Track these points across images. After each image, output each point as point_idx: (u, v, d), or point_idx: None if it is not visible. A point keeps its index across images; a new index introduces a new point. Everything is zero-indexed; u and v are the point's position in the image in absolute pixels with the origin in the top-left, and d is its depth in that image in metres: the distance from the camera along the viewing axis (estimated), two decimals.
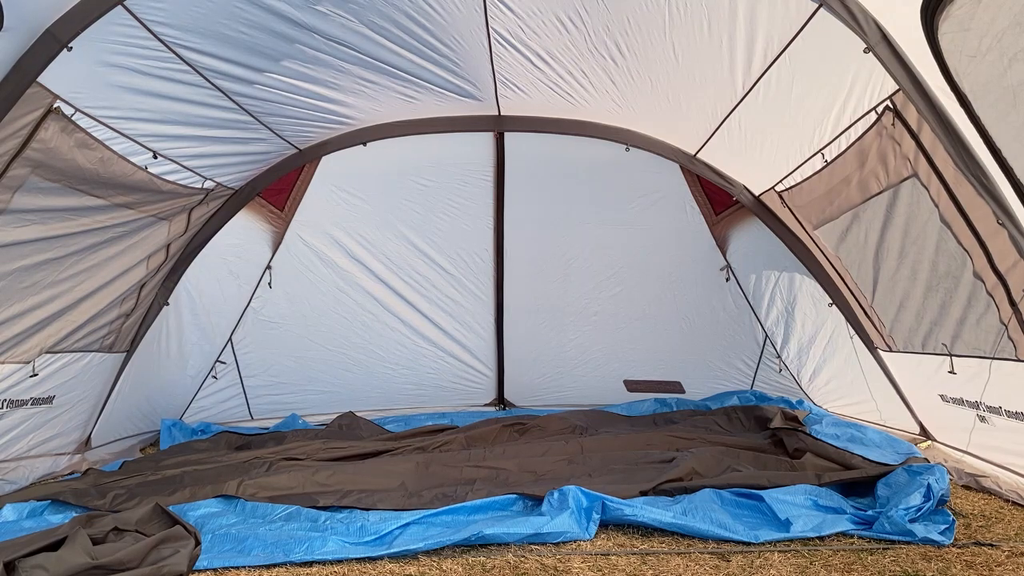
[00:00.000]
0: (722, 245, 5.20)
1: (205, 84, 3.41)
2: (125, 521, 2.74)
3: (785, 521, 2.96)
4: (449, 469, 3.81)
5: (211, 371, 5.06)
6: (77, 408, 3.92)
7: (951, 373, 3.61)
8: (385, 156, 4.77)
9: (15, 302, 3.21)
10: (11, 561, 2.44)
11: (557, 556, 2.75)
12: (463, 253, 5.24)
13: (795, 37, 3.17)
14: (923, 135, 3.04)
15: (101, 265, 3.67)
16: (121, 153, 3.37)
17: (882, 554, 2.74)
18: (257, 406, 5.19)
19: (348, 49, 3.53)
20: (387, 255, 5.16)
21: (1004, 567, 2.62)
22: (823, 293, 4.68)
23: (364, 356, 5.26)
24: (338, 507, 3.25)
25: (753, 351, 5.40)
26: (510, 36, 3.60)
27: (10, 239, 3.04)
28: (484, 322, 5.40)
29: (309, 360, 5.18)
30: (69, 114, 2.99)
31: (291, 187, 4.89)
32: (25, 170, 2.93)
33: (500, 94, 4.29)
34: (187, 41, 3.12)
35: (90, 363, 3.91)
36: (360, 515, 3.13)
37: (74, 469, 3.90)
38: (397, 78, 3.96)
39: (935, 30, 2.52)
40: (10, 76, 2.68)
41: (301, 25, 3.26)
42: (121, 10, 2.81)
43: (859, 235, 3.88)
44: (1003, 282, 3.03)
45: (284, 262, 5.04)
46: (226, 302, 4.99)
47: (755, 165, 4.39)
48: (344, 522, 3.04)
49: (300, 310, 5.12)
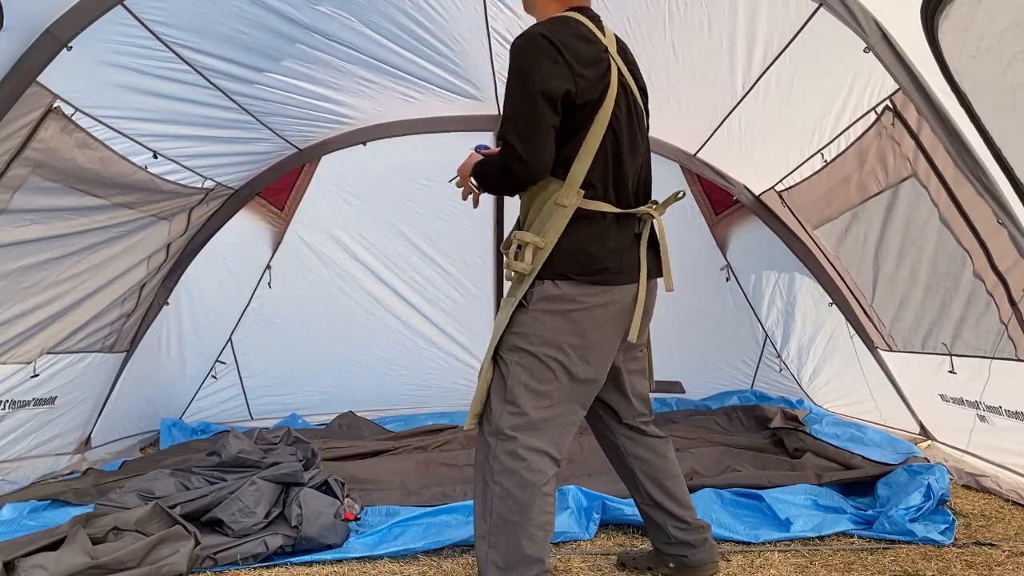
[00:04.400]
0: (722, 245, 5.20)
1: (205, 84, 3.41)
2: (125, 521, 2.73)
3: (785, 521, 2.96)
4: (449, 468, 3.82)
5: (211, 371, 5.06)
6: (78, 408, 3.92)
7: (951, 373, 3.61)
8: (385, 156, 4.77)
9: (16, 302, 3.21)
10: (11, 561, 2.44)
11: (557, 556, 2.76)
12: (463, 253, 5.24)
13: (795, 37, 3.17)
14: (923, 135, 3.04)
15: (102, 265, 3.67)
16: (121, 153, 3.37)
17: (882, 554, 2.74)
18: (257, 406, 5.19)
19: (348, 49, 3.53)
20: (387, 255, 5.16)
21: (1004, 567, 2.63)
22: (823, 293, 4.68)
23: (364, 356, 5.25)
24: None
25: (753, 351, 5.40)
26: (510, 36, 3.60)
27: (10, 239, 3.04)
28: (484, 322, 5.40)
29: (309, 360, 5.17)
30: (69, 114, 3.00)
31: (291, 187, 4.89)
32: (25, 170, 2.93)
33: (500, 94, 4.29)
34: (187, 41, 3.13)
35: (91, 363, 3.92)
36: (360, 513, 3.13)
37: (74, 469, 3.90)
38: (397, 78, 3.96)
39: (935, 30, 2.52)
40: (10, 76, 2.67)
41: (301, 25, 3.26)
42: (121, 10, 2.81)
43: (858, 235, 3.88)
44: (1003, 282, 3.03)
45: (284, 262, 5.04)
46: (226, 302, 4.99)
47: (755, 165, 4.39)
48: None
49: (300, 310, 5.12)
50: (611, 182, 2.19)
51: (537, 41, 2.07)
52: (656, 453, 2.48)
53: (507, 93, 2.09)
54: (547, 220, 2.14)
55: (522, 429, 2.13)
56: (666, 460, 2.49)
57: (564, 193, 2.13)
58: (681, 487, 2.49)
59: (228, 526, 2.83)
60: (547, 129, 2.06)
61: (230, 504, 2.88)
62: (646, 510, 2.51)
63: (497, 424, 2.15)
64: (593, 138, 2.13)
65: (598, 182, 2.16)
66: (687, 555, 2.46)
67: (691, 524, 2.47)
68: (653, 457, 2.47)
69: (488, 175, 2.22)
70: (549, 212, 2.14)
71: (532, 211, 2.21)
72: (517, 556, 2.12)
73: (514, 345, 2.15)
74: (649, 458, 2.47)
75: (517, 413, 2.13)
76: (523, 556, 2.12)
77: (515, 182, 2.13)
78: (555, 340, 2.13)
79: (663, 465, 2.48)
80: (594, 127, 2.13)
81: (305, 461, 3.32)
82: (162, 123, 3.49)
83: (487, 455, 2.17)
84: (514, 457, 2.11)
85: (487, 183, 2.25)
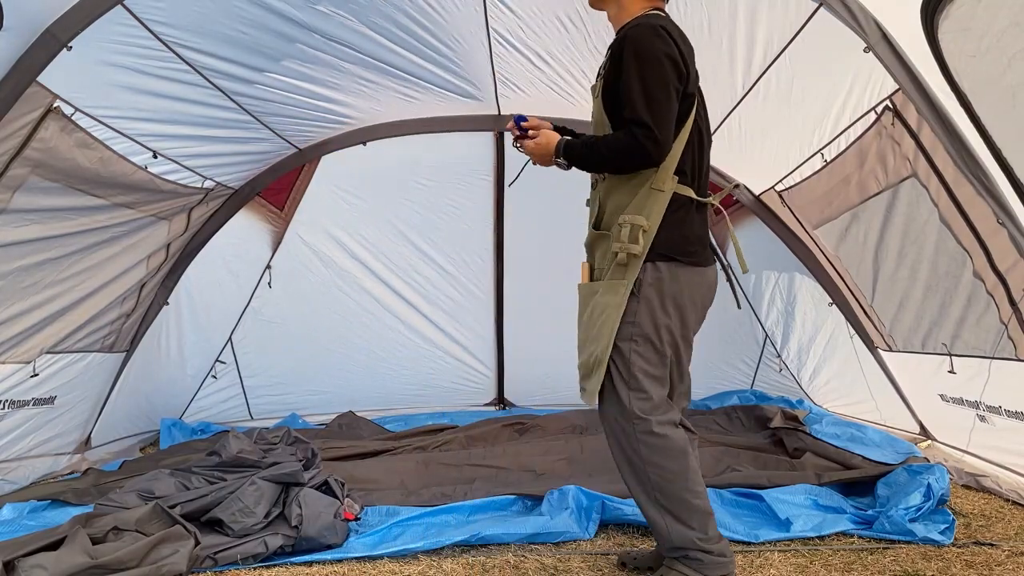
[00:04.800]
0: (722, 245, 5.19)
1: (205, 84, 3.41)
2: (125, 521, 2.73)
3: (785, 521, 2.96)
4: (449, 468, 3.81)
5: (211, 371, 5.06)
6: (78, 408, 3.92)
7: (951, 373, 3.61)
8: (385, 156, 4.76)
9: (15, 302, 3.21)
10: (11, 560, 2.44)
11: (557, 556, 2.76)
12: (463, 253, 5.24)
13: (795, 37, 3.17)
14: (923, 135, 3.04)
15: (102, 265, 3.67)
16: (121, 153, 3.37)
17: (882, 553, 2.74)
18: (257, 406, 5.19)
19: (348, 49, 3.53)
20: (387, 255, 5.16)
21: (1004, 567, 2.63)
22: (823, 293, 4.68)
23: (364, 356, 5.25)
24: None
25: (753, 351, 5.40)
26: (510, 36, 3.60)
27: (10, 239, 3.04)
28: (484, 322, 5.40)
29: (309, 360, 5.17)
30: (69, 113, 3.00)
31: (291, 187, 4.89)
32: (25, 170, 2.93)
33: (500, 93, 4.29)
34: (187, 41, 3.13)
35: (91, 363, 3.91)
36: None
37: (74, 469, 3.90)
38: (397, 78, 3.96)
39: (935, 29, 2.52)
40: (10, 76, 2.67)
41: (301, 24, 3.26)
42: (121, 9, 2.81)
43: (858, 235, 3.88)
44: (1003, 282, 3.03)
45: (284, 262, 5.03)
46: (226, 302, 4.99)
47: (755, 164, 4.39)
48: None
49: (300, 310, 5.12)
50: (695, 171, 2.35)
51: (658, 32, 2.20)
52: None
53: (628, 78, 2.18)
54: (644, 204, 2.26)
55: (651, 411, 2.30)
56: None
57: (661, 178, 2.25)
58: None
59: (228, 526, 2.83)
60: (673, 114, 2.21)
61: (230, 504, 2.88)
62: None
63: (629, 410, 2.29)
64: (687, 128, 2.28)
65: (688, 169, 2.31)
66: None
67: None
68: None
69: (607, 155, 2.27)
70: (645, 196, 2.26)
71: (622, 195, 2.30)
72: (689, 512, 2.31)
73: (631, 335, 2.28)
74: None
75: (645, 398, 2.30)
76: (695, 510, 2.32)
77: (645, 163, 2.23)
78: (666, 326, 2.30)
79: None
80: (691, 117, 2.28)
81: (305, 461, 3.32)
82: (162, 123, 3.48)
83: (627, 440, 2.33)
84: (654, 436, 2.29)
85: (601, 163, 2.31)
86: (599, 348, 2.29)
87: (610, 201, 2.34)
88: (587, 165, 2.35)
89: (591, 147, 2.30)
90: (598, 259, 2.40)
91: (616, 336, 2.28)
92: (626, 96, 2.19)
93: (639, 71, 2.17)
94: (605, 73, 2.31)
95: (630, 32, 2.22)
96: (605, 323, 2.28)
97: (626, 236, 2.24)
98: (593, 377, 2.33)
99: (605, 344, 2.27)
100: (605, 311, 2.28)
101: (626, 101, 2.18)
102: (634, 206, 2.26)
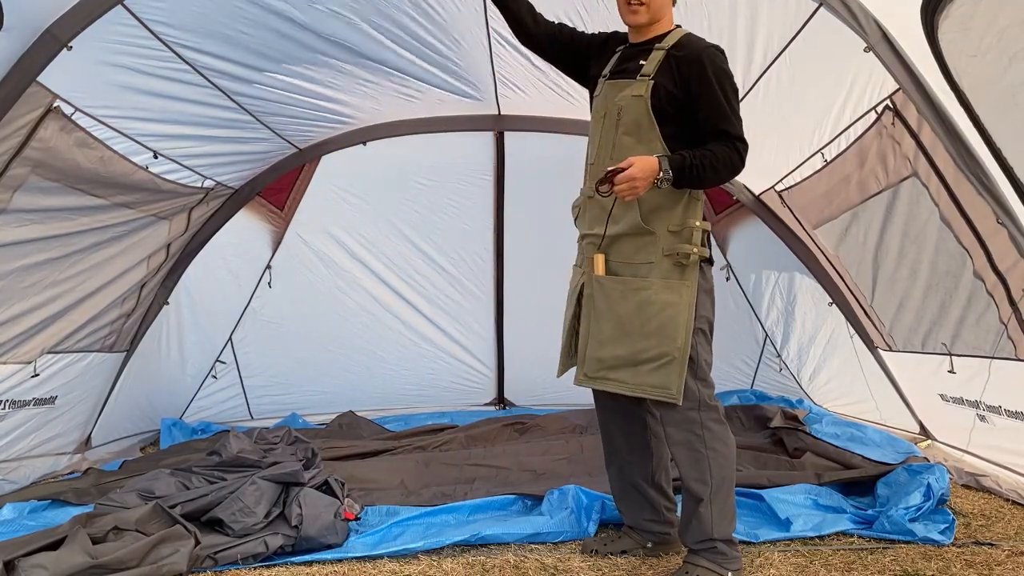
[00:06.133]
0: (722, 245, 5.19)
1: (205, 83, 3.41)
2: (125, 520, 2.73)
3: (785, 520, 2.96)
4: (449, 468, 3.81)
5: (211, 371, 5.05)
6: (78, 408, 3.92)
7: (951, 372, 3.61)
8: (385, 156, 4.76)
9: (16, 302, 3.21)
10: (11, 560, 2.44)
11: (557, 556, 2.76)
12: (463, 253, 5.23)
13: (795, 36, 3.17)
14: (923, 134, 3.04)
15: (102, 265, 3.67)
16: (121, 152, 3.37)
17: (882, 553, 2.74)
18: (257, 406, 5.18)
19: (348, 49, 3.53)
20: (387, 255, 5.15)
21: (1004, 566, 2.63)
22: (823, 293, 4.68)
23: (364, 356, 5.25)
24: None
25: (753, 351, 5.39)
26: (510, 36, 3.59)
27: (10, 239, 3.04)
28: (484, 321, 5.40)
29: (309, 360, 5.17)
30: (69, 113, 3.00)
31: (291, 186, 4.89)
32: (25, 169, 2.93)
33: (500, 94, 4.29)
34: (187, 40, 3.12)
35: (91, 363, 3.91)
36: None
37: (74, 469, 3.90)
38: (397, 78, 3.95)
39: (935, 29, 2.52)
40: (10, 75, 2.67)
41: (301, 25, 3.26)
42: (121, 9, 2.81)
43: (858, 235, 3.88)
44: (1003, 281, 3.03)
45: (284, 262, 5.03)
46: (226, 302, 4.99)
47: (755, 164, 4.37)
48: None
49: (300, 310, 5.11)
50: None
51: (723, 52, 2.46)
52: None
53: (720, 96, 2.38)
54: (689, 210, 2.43)
55: (715, 399, 2.50)
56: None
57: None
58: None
59: (228, 526, 2.83)
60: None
61: (230, 504, 2.88)
62: (643, 488, 2.70)
63: (699, 398, 2.45)
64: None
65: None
66: (670, 532, 2.73)
67: (674, 507, 2.76)
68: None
69: (719, 167, 2.40)
70: (687, 203, 2.44)
71: (671, 200, 2.43)
72: (730, 505, 2.50)
73: (695, 328, 2.43)
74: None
75: (709, 385, 2.49)
76: (732, 505, 2.51)
77: (736, 175, 2.51)
78: (711, 319, 2.52)
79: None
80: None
81: (305, 461, 3.32)
82: (162, 123, 3.48)
83: (693, 428, 2.45)
84: (720, 423, 2.49)
85: (714, 176, 2.43)
86: (672, 347, 2.38)
87: (644, 203, 2.43)
88: (698, 178, 2.40)
89: (703, 160, 2.37)
90: (627, 255, 2.49)
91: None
92: (720, 113, 2.38)
93: (728, 90, 2.39)
94: (656, 75, 2.41)
95: (707, 50, 2.41)
96: (671, 322, 2.39)
97: (698, 240, 2.41)
98: (672, 373, 2.40)
99: (682, 343, 2.38)
100: (668, 310, 2.39)
101: (721, 117, 2.38)
102: (680, 212, 2.42)
